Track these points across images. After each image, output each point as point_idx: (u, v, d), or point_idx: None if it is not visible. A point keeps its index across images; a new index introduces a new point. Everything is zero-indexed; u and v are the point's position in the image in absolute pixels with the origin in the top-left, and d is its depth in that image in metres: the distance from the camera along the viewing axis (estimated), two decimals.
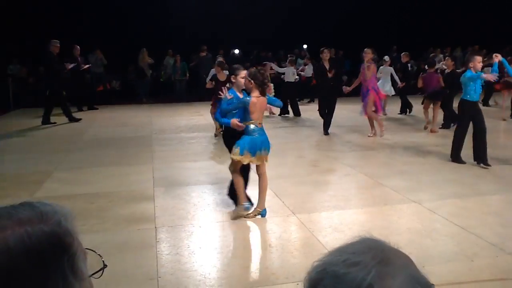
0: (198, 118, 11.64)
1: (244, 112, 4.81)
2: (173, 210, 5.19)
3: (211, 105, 9.25)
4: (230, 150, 4.93)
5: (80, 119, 11.65)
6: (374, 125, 9.33)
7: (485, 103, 13.24)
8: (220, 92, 5.10)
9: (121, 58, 15.94)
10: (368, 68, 9.11)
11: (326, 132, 9.54)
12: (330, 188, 6.07)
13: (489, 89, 12.50)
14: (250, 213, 4.94)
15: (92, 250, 0.83)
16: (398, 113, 12.47)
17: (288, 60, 12.90)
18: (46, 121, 11.22)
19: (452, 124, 9.82)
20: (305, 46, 16.95)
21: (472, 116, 6.97)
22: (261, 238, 4.60)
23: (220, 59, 9.93)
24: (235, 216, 4.91)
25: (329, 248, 0.79)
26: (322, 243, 4.22)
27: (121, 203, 5.39)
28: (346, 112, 11.91)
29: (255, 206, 5.01)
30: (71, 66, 11.82)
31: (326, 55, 9.59)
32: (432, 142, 8.83)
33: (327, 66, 9.53)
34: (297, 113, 12.32)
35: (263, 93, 4.82)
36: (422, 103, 10.38)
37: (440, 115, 10.13)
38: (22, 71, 15.19)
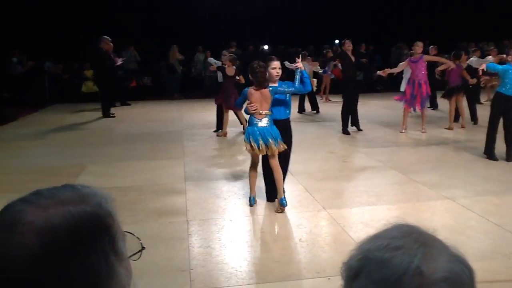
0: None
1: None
2: (204, 203, 5.23)
3: (223, 103, 9.06)
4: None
5: (114, 115, 11.90)
6: (416, 121, 9.15)
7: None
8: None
9: (152, 54, 16.17)
10: (416, 63, 8.85)
11: (358, 128, 9.34)
12: (361, 184, 6.00)
13: None
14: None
15: (130, 233, 0.84)
16: (429, 107, 12.22)
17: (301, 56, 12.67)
18: (106, 113, 11.78)
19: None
20: (336, 41, 16.76)
21: (502, 111, 6.76)
22: (292, 232, 4.59)
23: (230, 54, 9.78)
24: None
25: None
26: (353, 238, 4.19)
27: (152, 196, 5.47)
28: (376, 107, 11.76)
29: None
30: (120, 61, 12.31)
31: (348, 45, 9.11)
32: (464, 138, 8.63)
33: (352, 57, 9.13)
34: (315, 108, 12.16)
35: (259, 85, 4.89)
36: (443, 97, 9.92)
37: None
38: (57, 68, 15.56)
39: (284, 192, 5.03)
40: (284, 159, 5.14)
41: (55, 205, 0.73)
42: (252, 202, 5.13)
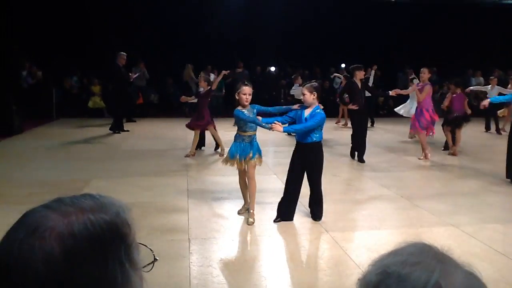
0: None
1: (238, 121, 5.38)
2: (206, 222, 5.22)
3: (205, 123, 9.09)
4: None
5: (121, 131, 12.00)
6: (425, 147, 9.05)
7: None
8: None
9: (160, 72, 16.33)
10: (423, 88, 8.80)
11: (361, 159, 8.87)
12: (364, 208, 5.98)
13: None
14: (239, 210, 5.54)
15: (144, 244, 0.86)
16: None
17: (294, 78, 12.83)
18: (121, 129, 11.98)
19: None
20: (343, 65, 16.88)
21: None
22: (294, 254, 4.56)
23: (204, 74, 9.96)
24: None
25: (362, 268, 0.80)
26: (356, 262, 4.16)
27: (155, 214, 5.46)
28: (382, 132, 11.77)
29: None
30: (135, 75, 12.69)
31: (359, 75, 8.89)
32: (469, 165, 8.60)
33: (359, 85, 8.86)
34: None
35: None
36: (442, 126, 9.93)
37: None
38: (66, 82, 15.72)
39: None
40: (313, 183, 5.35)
41: (76, 212, 0.75)
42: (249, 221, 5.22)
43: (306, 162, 5.21)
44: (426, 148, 9.03)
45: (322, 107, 5.23)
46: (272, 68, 17.79)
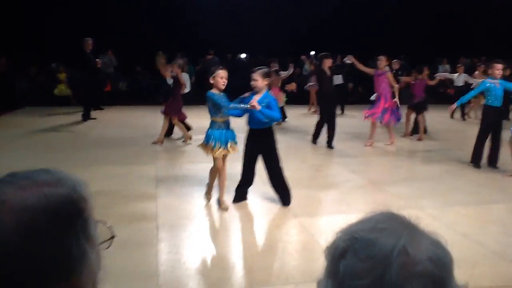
0: (203, 121, 11.60)
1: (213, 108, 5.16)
2: (175, 209, 5.20)
3: (173, 113, 9.02)
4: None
5: (95, 118, 11.81)
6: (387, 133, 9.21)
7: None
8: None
9: (128, 59, 16.06)
10: (382, 76, 8.90)
11: (330, 145, 8.94)
12: (332, 193, 6.06)
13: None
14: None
15: (102, 221, 0.85)
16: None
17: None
18: (87, 117, 11.62)
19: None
20: (312, 53, 16.94)
21: (493, 121, 7.14)
22: (263, 240, 4.59)
23: (180, 61, 9.92)
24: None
25: None
26: (323, 246, 4.21)
27: (123, 202, 5.40)
28: (351, 118, 11.91)
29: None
30: (102, 61, 12.33)
31: (328, 63, 8.95)
32: (435, 150, 8.80)
33: (327, 72, 8.96)
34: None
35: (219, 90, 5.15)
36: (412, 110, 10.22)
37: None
38: (32, 70, 15.29)
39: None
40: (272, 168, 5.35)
41: (30, 186, 0.75)
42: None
43: (261, 148, 5.25)
44: (372, 135, 9.18)
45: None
46: (243, 55, 17.73)
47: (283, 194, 5.39)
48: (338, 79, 12.91)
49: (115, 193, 5.68)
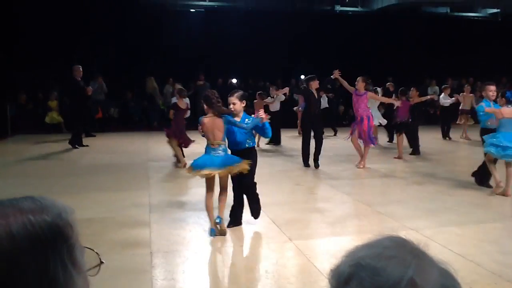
0: (195, 146, 11.61)
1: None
2: (169, 235, 5.14)
3: (172, 136, 9.07)
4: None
5: (80, 146, 11.71)
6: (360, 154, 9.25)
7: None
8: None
9: (120, 85, 16.10)
10: (362, 97, 9.00)
11: (316, 165, 9.09)
12: (327, 215, 6.03)
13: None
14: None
15: (89, 248, 0.84)
16: (388, 142, 12.70)
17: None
18: (79, 143, 11.56)
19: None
20: (302, 76, 17.12)
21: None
22: (258, 264, 4.54)
23: (179, 86, 10.07)
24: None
25: (326, 275, 0.79)
26: (319, 269, 4.17)
27: (116, 228, 5.34)
28: (343, 141, 11.93)
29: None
30: (92, 89, 12.26)
31: (315, 84, 9.18)
32: (427, 171, 8.84)
33: (315, 94, 9.18)
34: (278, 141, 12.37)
35: (216, 114, 5.04)
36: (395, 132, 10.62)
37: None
38: (21, 98, 15.26)
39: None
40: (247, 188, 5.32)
41: (14, 213, 0.74)
42: (212, 233, 5.10)
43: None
44: (360, 153, 9.28)
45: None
46: (234, 80, 17.86)
47: (256, 207, 5.46)
48: (324, 103, 13.20)
49: (107, 220, 5.62)
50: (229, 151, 5.20)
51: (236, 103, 5.18)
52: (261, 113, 5.19)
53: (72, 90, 11.69)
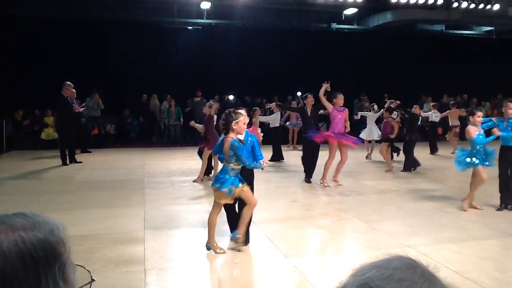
0: (191, 163, 11.61)
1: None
2: (163, 252, 5.08)
3: (207, 147, 9.06)
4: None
5: (81, 162, 11.70)
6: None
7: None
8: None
9: (116, 102, 16.12)
10: (340, 112, 8.89)
11: (308, 180, 9.18)
12: (323, 232, 5.99)
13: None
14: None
15: (81, 266, 0.83)
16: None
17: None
18: (63, 161, 11.40)
19: (412, 169, 10.65)
20: (299, 93, 17.19)
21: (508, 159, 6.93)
22: (254, 282, 4.48)
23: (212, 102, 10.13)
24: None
25: None
26: (315, 286, 4.13)
27: (110, 245, 5.28)
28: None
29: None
30: (81, 107, 12.13)
31: (310, 100, 9.33)
32: (422, 187, 8.82)
33: (309, 111, 9.28)
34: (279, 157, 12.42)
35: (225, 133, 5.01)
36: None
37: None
38: (18, 114, 15.24)
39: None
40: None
41: (5, 230, 0.73)
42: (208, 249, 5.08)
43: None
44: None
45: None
46: (231, 97, 17.91)
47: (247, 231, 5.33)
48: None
49: (101, 237, 5.56)
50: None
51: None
52: (265, 162, 5.08)
53: (60, 107, 11.61)
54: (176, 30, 18.01)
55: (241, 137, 5.07)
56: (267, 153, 11.34)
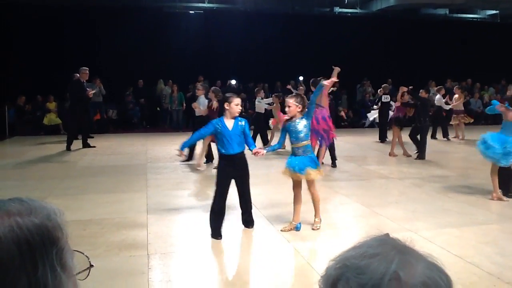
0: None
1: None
2: (166, 237, 5.11)
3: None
4: None
5: (95, 146, 11.78)
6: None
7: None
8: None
9: (118, 87, 16.08)
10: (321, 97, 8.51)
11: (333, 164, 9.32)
12: (325, 217, 5.99)
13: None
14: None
15: (79, 251, 0.82)
16: (377, 141, 12.78)
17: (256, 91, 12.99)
18: (69, 146, 11.38)
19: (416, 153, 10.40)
20: (301, 78, 17.10)
21: None
22: (256, 266, 4.52)
23: (215, 87, 10.05)
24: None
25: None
26: (317, 271, 4.15)
27: (113, 230, 5.31)
28: (342, 142, 11.93)
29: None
30: (92, 91, 12.11)
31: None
32: (425, 172, 8.82)
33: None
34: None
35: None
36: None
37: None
38: (20, 100, 15.23)
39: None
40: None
41: (2, 216, 0.72)
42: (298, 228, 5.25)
43: (236, 173, 5.14)
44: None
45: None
46: (233, 81, 17.83)
47: (250, 217, 5.38)
48: None
49: (105, 222, 5.59)
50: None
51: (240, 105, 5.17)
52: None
53: (75, 92, 11.59)
54: (177, 14, 17.86)
55: (231, 121, 5.06)
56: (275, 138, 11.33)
